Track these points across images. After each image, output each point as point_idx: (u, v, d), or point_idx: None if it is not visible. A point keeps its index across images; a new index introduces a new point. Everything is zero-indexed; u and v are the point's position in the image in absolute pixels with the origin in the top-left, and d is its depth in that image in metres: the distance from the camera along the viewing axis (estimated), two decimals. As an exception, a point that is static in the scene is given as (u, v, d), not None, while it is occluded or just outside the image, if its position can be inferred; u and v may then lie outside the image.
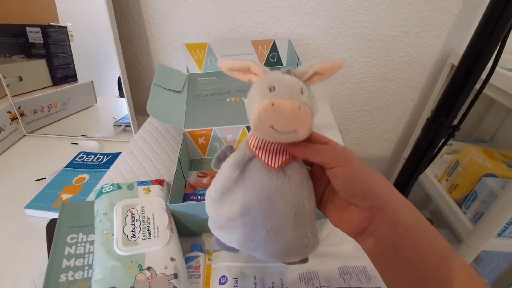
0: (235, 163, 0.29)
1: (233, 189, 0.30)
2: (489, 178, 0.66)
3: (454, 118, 0.55)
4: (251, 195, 0.29)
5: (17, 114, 0.83)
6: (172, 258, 0.40)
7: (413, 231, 0.23)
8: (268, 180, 0.28)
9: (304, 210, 0.29)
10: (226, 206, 0.30)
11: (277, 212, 0.28)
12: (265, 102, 0.24)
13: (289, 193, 0.28)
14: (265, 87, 0.26)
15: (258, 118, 0.25)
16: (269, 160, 0.28)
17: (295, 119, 0.25)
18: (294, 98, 0.25)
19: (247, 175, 0.29)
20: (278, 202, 0.28)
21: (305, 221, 0.29)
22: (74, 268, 0.41)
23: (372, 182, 0.26)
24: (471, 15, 0.77)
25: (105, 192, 0.47)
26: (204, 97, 0.71)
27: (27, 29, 0.82)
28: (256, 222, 0.29)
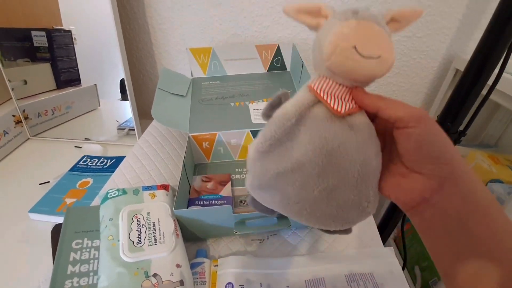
0: (291, 109, 0.25)
1: (284, 141, 0.26)
2: (496, 183, 0.66)
3: (460, 123, 0.55)
4: (307, 148, 0.25)
5: (22, 117, 0.83)
6: (178, 264, 0.39)
7: (487, 208, 0.21)
8: (331, 131, 0.24)
9: (370, 170, 0.25)
10: (274, 159, 0.26)
11: (337, 169, 0.25)
12: (347, 23, 0.22)
13: (355, 148, 0.24)
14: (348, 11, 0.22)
15: (341, 34, 0.21)
16: (335, 104, 0.24)
17: (382, 43, 0.22)
18: (379, 24, 0.22)
19: (303, 127, 0.25)
20: (340, 158, 0.24)
21: (369, 181, 0.26)
22: (79, 274, 0.41)
23: (448, 150, 0.22)
24: (474, 20, 0.77)
25: (110, 197, 0.47)
26: (208, 101, 0.71)
27: (32, 33, 0.83)
28: (309, 180, 0.25)
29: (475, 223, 0.21)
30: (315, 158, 0.24)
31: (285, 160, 0.25)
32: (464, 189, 0.22)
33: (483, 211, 0.21)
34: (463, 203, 0.21)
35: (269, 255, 0.48)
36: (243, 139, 0.64)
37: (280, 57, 0.79)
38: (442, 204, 0.22)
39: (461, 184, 0.22)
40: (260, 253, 0.48)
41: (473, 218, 0.21)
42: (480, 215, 0.21)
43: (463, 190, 0.22)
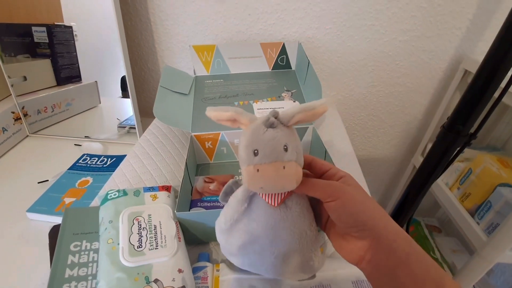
0: (242, 198, 0.32)
1: (241, 219, 0.32)
2: (505, 187, 0.64)
3: (471, 126, 0.54)
4: (257, 225, 0.31)
5: (21, 114, 0.82)
6: (180, 269, 0.38)
7: (407, 259, 0.25)
8: (272, 212, 0.31)
9: (307, 237, 0.31)
10: (235, 235, 0.33)
11: (283, 239, 0.31)
12: (250, 169, 0.27)
13: (291, 223, 0.31)
14: (250, 150, 0.28)
15: (248, 182, 0.28)
16: (269, 199, 0.31)
17: (280, 179, 0.27)
18: (277, 159, 0.27)
19: (253, 205, 0.32)
20: (282, 231, 0.31)
21: (308, 246, 0.32)
22: (78, 278, 0.39)
23: (365, 214, 0.27)
24: (485, 20, 0.75)
25: (110, 199, 0.45)
26: (212, 100, 0.69)
27: (32, 29, 0.81)
28: (264, 249, 0.32)
29: (401, 275, 0.24)
30: (264, 232, 0.31)
31: (244, 235, 0.32)
32: (386, 246, 0.26)
33: (406, 263, 0.25)
34: (387, 258, 0.25)
35: (274, 259, 0.47)
36: (246, 139, 0.63)
37: (285, 56, 0.77)
38: (373, 260, 0.26)
39: (383, 242, 0.26)
40: (264, 258, 0.47)
41: (398, 270, 0.25)
42: (402, 267, 0.25)
43: (386, 246, 0.26)
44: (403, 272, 0.24)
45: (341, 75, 0.87)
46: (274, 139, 0.27)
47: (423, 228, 1.02)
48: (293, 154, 0.28)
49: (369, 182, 1.15)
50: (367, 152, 1.06)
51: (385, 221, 0.27)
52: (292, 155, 0.27)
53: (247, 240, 0.32)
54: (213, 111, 0.30)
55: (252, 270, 0.34)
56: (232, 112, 0.29)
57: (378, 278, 0.26)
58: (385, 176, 1.14)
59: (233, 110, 0.29)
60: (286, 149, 0.27)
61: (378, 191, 1.20)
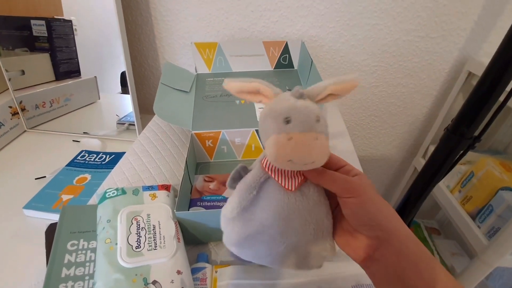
0: (252, 184, 0.29)
1: (249, 208, 0.30)
2: (506, 191, 0.64)
3: (475, 129, 0.53)
4: (268, 214, 0.29)
5: (18, 109, 0.81)
6: (179, 271, 0.37)
7: (416, 261, 0.25)
8: (285, 200, 0.28)
9: (323, 227, 0.29)
10: (242, 224, 0.30)
11: (295, 230, 0.29)
12: (281, 137, 0.25)
13: (307, 212, 0.29)
14: (281, 118, 0.25)
15: (276, 153, 0.25)
16: (285, 182, 0.28)
17: (312, 152, 0.25)
18: (311, 129, 0.25)
19: (262, 194, 0.29)
20: (296, 221, 0.28)
21: (324, 236, 0.30)
22: (74, 277, 0.38)
23: (380, 215, 0.27)
24: (490, 22, 0.74)
25: (109, 197, 0.44)
26: (213, 98, 0.68)
27: (31, 22, 0.80)
28: (274, 239, 0.29)
29: (409, 277, 0.25)
30: (275, 222, 0.28)
31: (251, 225, 0.29)
32: (397, 248, 0.26)
33: (414, 266, 0.25)
34: (398, 260, 0.25)
35: (274, 261, 0.46)
36: (247, 138, 0.62)
37: (288, 55, 0.76)
38: (382, 260, 0.26)
39: (395, 243, 0.26)
40: (264, 259, 0.46)
41: (407, 272, 0.25)
42: (412, 269, 0.25)
43: (397, 248, 0.26)
44: (413, 275, 0.25)
45: (344, 74, 0.86)
46: (307, 108, 0.25)
47: (423, 230, 1.02)
48: (324, 127, 0.26)
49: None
50: (368, 153, 1.05)
51: (399, 223, 0.27)
52: (323, 128, 0.26)
53: (255, 230, 0.29)
54: (234, 82, 0.28)
55: (256, 262, 0.32)
56: (256, 83, 0.27)
57: (385, 278, 0.26)
58: (386, 177, 1.13)
59: (257, 81, 0.27)
60: (318, 120, 0.25)
61: (378, 192, 1.19)
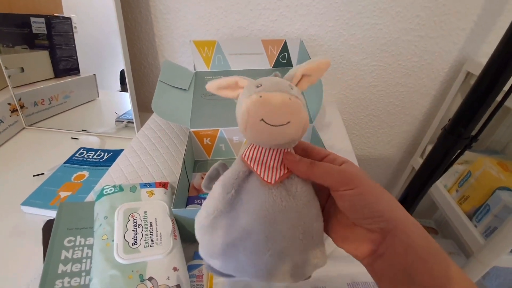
0: (229, 181, 0.26)
1: (228, 211, 0.26)
2: (503, 191, 0.64)
3: (473, 128, 0.53)
4: (250, 217, 0.25)
5: (17, 106, 0.81)
6: (175, 268, 0.37)
7: (425, 256, 0.22)
8: (270, 200, 0.25)
9: (313, 231, 0.26)
10: (221, 232, 0.26)
11: (282, 234, 0.25)
12: (253, 96, 0.24)
13: (295, 215, 0.25)
14: (252, 86, 0.25)
15: (246, 112, 0.23)
16: (265, 174, 0.25)
17: (286, 109, 0.23)
18: (282, 90, 0.24)
19: (244, 194, 0.26)
20: (283, 224, 0.25)
21: (314, 241, 0.27)
22: (71, 273, 0.38)
23: (382, 205, 0.24)
24: (489, 22, 0.74)
25: (106, 194, 0.44)
26: (211, 96, 0.68)
27: (31, 19, 0.80)
28: (259, 246, 0.25)
29: (418, 272, 0.22)
30: (260, 226, 0.25)
31: (232, 231, 0.26)
32: (404, 241, 0.23)
33: (423, 261, 0.22)
34: (405, 253, 0.23)
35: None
36: (246, 136, 0.62)
37: (287, 53, 0.76)
38: (386, 255, 0.24)
39: (400, 236, 0.23)
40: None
41: (415, 268, 0.22)
42: (421, 265, 0.22)
43: (403, 241, 0.23)
44: (422, 271, 0.22)
45: (343, 74, 0.86)
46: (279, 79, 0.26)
47: (420, 229, 1.02)
48: (299, 94, 0.25)
49: (368, 182, 1.15)
50: (366, 152, 1.05)
51: (403, 213, 0.24)
52: (298, 94, 0.24)
53: (236, 237, 0.26)
54: (212, 81, 0.28)
55: (238, 275, 0.28)
56: (234, 77, 0.27)
57: (391, 275, 0.23)
58: (384, 177, 1.13)
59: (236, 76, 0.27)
60: (292, 88, 0.25)
61: None
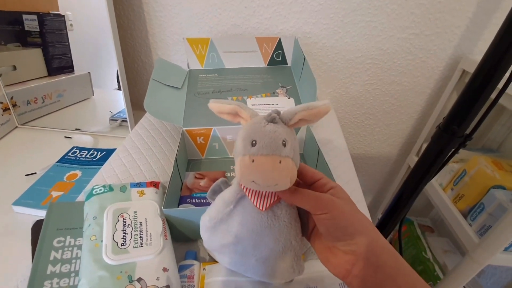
0: (229, 199, 0.32)
1: (226, 220, 0.33)
2: (498, 190, 0.64)
3: (467, 127, 0.53)
4: (243, 228, 0.31)
5: (9, 104, 0.80)
6: (165, 268, 0.37)
7: (393, 275, 0.25)
8: (259, 217, 0.31)
9: (291, 247, 0.32)
10: (219, 234, 0.33)
11: (267, 245, 0.31)
12: (245, 159, 0.26)
13: (278, 231, 0.31)
14: (248, 141, 0.27)
15: (240, 173, 0.27)
16: (258, 202, 0.30)
17: (275, 175, 0.26)
18: (275, 152, 0.26)
19: (239, 208, 0.32)
20: (267, 237, 0.31)
21: (292, 256, 0.32)
22: (60, 274, 0.38)
23: (353, 227, 0.27)
24: (485, 20, 0.74)
25: (95, 194, 0.44)
26: (205, 94, 0.68)
27: (23, 17, 0.79)
28: (247, 251, 0.32)
29: None
30: (248, 235, 0.31)
31: (228, 236, 0.33)
32: (373, 261, 0.26)
33: (392, 279, 0.25)
34: (375, 273, 0.26)
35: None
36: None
37: (281, 51, 0.76)
38: (360, 275, 0.26)
39: (370, 257, 0.26)
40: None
41: (385, 285, 0.25)
42: (390, 282, 0.25)
43: (373, 262, 0.26)
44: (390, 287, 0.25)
45: (338, 72, 0.86)
46: (274, 132, 0.27)
47: (416, 228, 1.02)
48: (291, 151, 0.27)
49: (363, 181, 1.15)
50: (362, 151, 1.05)
51: (373, 235, 0.27)
52: (290, 152, 0.27)
53: (230, 241, 0.32)
54: (215, 103, 0.30)
55: (233, 268, 0.35)
56: (234, 106, 0.30)
57: None
58: (379, 175, 1.13)
59: (236, 103, 0.30)
60: (285, 145, 0.27)
61: (372, 190, 1.19)
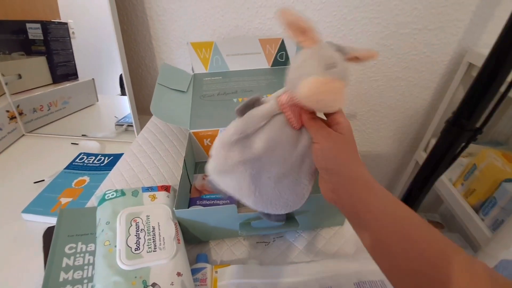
0: (266, 114, 0.32)
1: (253, 135, 0.33)
2: (510, 183, 0.63)
3: (477, 120, 0.52)
4: (266, 144, 0.32)
5: (16, 113, 0.80)
6: (179, 273, 0.37)
7: (365, 197, 0.29)
8: (288, 132, 0.33)
9: (309, 162, 0.34)
10: (238, 149, 0.33)
11: (285, 160, 0.33)
12: (324, 79, 0.28)
13: (300, 146, 0.33)
14: (324, 63, 0.28)
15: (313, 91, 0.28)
16: (294, 120, 0.33)
17: (341, 98, 0.29)
18: (345, 79, 0.29)
19: (266, 127, 0.33)
20: (289, 151, 0.33)
21: (306, 172, 0.34)
22: (73, 281, 0.38)
23: (335, 161, 0.31)
24: (488, 12, 0.73)
25: (108, 199, 0.44)
26: (210, 97, 0.68)
27: (27, 25, 0.80)
28: (263, 168, 0.33)
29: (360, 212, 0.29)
30: (270, 153, 0.33)
31: (247, 152, 0.33)
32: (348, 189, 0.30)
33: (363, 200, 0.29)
34: (351, 200, 0.30)
35: (275, 259, 0.45)
36: (246, 136, 0.61)
37: (285, 52, 0.75)
38: (339, 201, 0.31)
39: (345, 185, 0.30)
40: (265, 257, 0.46)
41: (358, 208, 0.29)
42: (362, 205, 0.29)
43: (347, 189, 0.30)
44: (363, 210, 0.28)
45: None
46: (344, 61, 0.30)
47: (425, 224, 1.01)
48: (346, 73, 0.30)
49: (371, 178, 1.14)
50: (368, 148, 1.04)
51: (350, 170, 0.31)
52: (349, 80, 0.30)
53: (248, 158, 0.32)
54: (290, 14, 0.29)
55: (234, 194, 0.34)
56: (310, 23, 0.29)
57: (347, 213, 0.31)
58: (387, 172, 1.12)
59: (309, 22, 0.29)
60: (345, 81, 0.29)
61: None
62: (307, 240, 0.48)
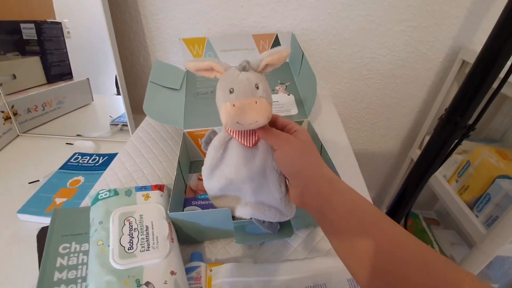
0: (219, 144, 0.37)
1: (219, 166, 0.38)
2: (504, 180, 0.63)
3: (469, 117, 0.52)
4: (231, 168, 0.37)
5: (10, 113, 0.80)
6: (173, 271, 0.37)
7: (330, 199, 0.29)
8: (244, 152, 0.36)
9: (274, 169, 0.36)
10: (215, 180, 0.39)
11: (253, 174, 0.37)
12: (227, 105, 0.31)
13: (260, 159, 0.36)
14: (227, 90, 0.32)
15: (226, 118, 0.32)
16: (244, 141, 0.36)
17: (253, 113, 0.31)
18: (250, 95, 0.31)
19: (228, 152, 0.37)
20: (253, 166, 0.36)
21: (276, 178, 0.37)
22: (67, 281, 0.38)
23: (298, 164, 0.32)
24: (483, 9, 0.73)
25: (101, 199, 0.44)
26: (204, 95, 0.68)
27: (21, 26, 0.79)
28: (242, 186, 0.38)
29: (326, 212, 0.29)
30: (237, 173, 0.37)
31: (221, 180, 0.39)
32: (313, 191, 0.31)
33: (328, 203, 0.29)
34: (316, 200, 0.30)
35: (269, 257, 0.46)
36: (241, 135, 0.62)
37: (279, 48, 0.75)
38: (307, 203, 0.32)
39: (310, 188, 0.31)
40: (259, 256, 0.46)
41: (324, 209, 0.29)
42: (327, 206, 0.29)
43: (312, 191, 0.31)
44: (328, 211, 0.29)
45: (337, 67, 0.85)
46: (247, 79, 0.32)
47: (421, 221, 1.01)
48: (264, 92, 0.32)
49: (367, 176, 1.14)
50: (364, 146, 1.05)
51: (313, 170, 0.31)
52: (263, 93, 0.32)
53: (224, 183, 0.38)
54: (192, 62, 0.34)
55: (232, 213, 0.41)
56: (209, 61, 0.33)
57: (314, 216, 0.31)
58: (383, 170, 1.13)
59: (210, 59, 0.34)
60: (258, 88, 0.32)
61: (376, 185, 1.19)
62: (301, 238, 0.48)
